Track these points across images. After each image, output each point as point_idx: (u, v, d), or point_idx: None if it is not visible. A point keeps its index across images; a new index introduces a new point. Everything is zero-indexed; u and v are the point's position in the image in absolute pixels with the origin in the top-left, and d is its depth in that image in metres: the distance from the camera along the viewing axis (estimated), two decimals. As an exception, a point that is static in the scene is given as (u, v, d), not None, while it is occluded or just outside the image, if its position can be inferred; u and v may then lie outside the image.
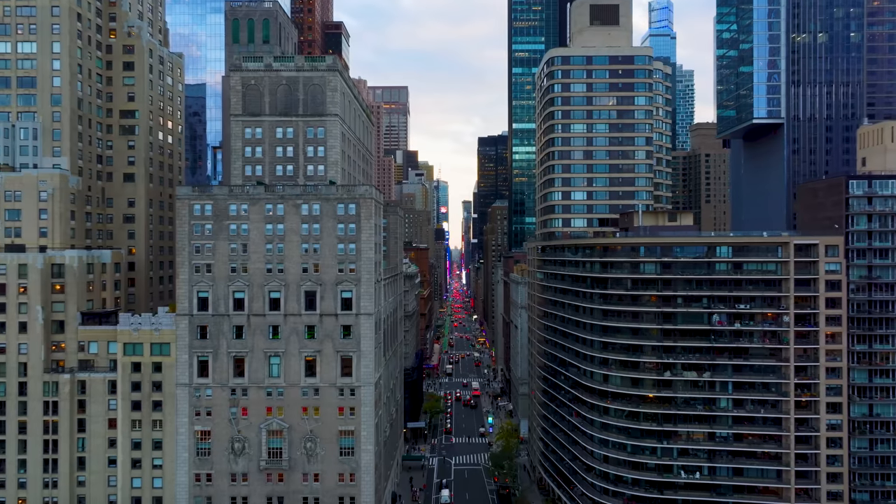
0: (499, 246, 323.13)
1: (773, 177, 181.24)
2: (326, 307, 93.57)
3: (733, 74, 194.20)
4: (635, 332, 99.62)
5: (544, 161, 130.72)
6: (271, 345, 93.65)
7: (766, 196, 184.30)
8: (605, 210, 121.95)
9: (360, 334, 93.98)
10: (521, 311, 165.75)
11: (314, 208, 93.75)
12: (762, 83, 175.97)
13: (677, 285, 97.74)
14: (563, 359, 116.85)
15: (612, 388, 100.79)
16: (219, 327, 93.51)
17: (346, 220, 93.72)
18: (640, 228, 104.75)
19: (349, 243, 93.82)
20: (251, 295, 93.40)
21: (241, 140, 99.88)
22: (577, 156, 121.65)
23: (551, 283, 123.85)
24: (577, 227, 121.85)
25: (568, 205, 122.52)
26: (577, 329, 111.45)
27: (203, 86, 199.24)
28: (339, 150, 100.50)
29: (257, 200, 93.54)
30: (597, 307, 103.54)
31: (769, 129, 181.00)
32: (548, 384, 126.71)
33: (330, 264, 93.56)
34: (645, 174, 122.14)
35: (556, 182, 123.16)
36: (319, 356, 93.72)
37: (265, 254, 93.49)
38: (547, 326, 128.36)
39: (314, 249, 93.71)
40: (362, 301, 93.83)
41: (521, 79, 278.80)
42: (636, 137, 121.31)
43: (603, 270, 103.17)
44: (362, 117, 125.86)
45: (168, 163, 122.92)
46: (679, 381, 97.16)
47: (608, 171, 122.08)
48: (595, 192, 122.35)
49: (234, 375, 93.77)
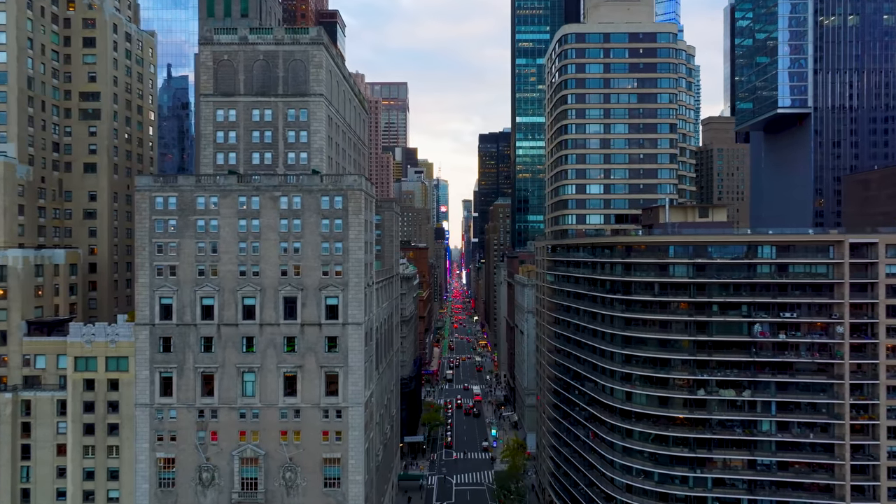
0: (501, 245, 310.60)
1: (797, 171, 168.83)
2: (309, 316, 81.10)
3: (753, 63, 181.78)
4: (663, 343, 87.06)
5: (556, 151, 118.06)
6: (245, 359, 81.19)
7: (789, 191, 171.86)
8: (623, 205, 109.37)
9: (348, 347, 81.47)
10: (527, 315, 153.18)
11: (294, 201, 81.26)
12: (787, 70, 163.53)
13: (712, 290, 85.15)
14: (578, 371, 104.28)
15: (636, 407, 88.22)
16: (184, 339, 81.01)
17: (331, 216, 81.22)
18: (666, 225, 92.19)
19: (335, 242, 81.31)
20: (222, 301, 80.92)
21: (213, 124, 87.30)
22: (592, 145, 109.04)
23: (563, 287, 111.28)
24: (592, 224, 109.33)
25: (582, 199, 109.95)
26: (594, 339, 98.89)
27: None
28: (324, 136, 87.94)
29: (229, 192, 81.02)
30: (618, 315, 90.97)
31: (793, 120, 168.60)
32: (559, 398, 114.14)
33: (313, 266, 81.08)
34: (668, 165, 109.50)
35: (569, 174, 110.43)
36: (301, 372, 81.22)
37: (238, 254, 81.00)
38: (558, 335, 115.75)
39: (294, 249, 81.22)
40: (350, 308, 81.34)
41: (525, 70, 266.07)
42: (659, 124, 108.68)
43: (625, 273, 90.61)
44: (353, 102, 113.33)
45: (137, 152, 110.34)
46: (714, 400, 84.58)
47: (627, 162, 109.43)
48: (613, 186, 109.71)
49: (203, 394, 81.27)
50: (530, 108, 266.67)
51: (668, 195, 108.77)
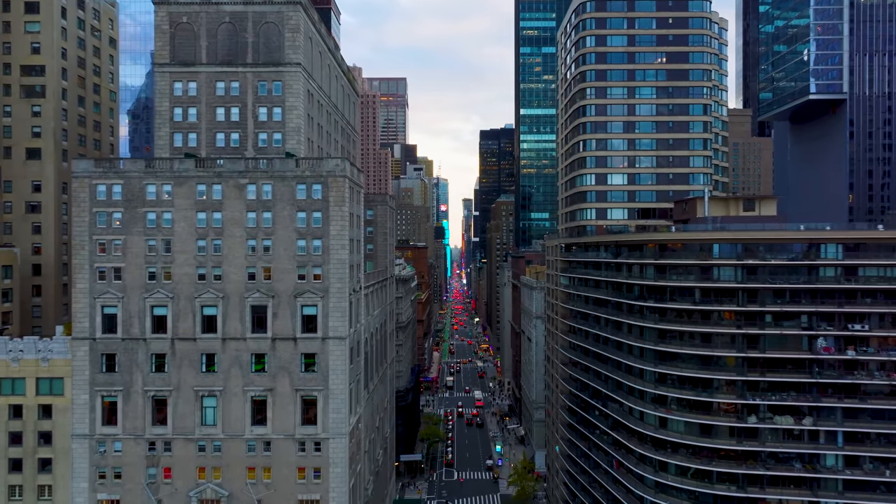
0: (504, 245, 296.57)
1: (829, 163, 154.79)
2: (281, 328, 67.22)
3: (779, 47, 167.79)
4: (706, 360, 73.19)
5: (571, 137, 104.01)
6: (205, 381, 67.28)
7: (820, 186, 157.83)
8: (650, 198, 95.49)
9: (329, 366, 67.56)
10: (535, 321, 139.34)
11: (264, 190, 67.33)
12: (818, 53, 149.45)
13: (765, 297, 71.37)
14: (599, 389, 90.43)
15: (672, 435, 74.35)
16: (131, 356, 67.11)
17: (308, 207, 67.31)
18: (706, 220, 78.27)
19: (313, 239, 67.38)
20: (177, 311, 67.03)
21: (169, 99, 73.35)
22: (615, 129, 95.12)
23: (581, 291, 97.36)
24: (614, 219, 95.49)
25: (603, 191, 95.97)
26: (618, 353, 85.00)
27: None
28: (302, 113, 73.99)
29: (185, 179, 67.11)
30: (650, 326, 77.12)
31: (825, 108, 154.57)
32: (576, 418, 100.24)
33: (286, 268, 67.18)
34: (702, 152, 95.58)
35: (587, 163, 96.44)
36: (272, 396, 67.32)
37: (196, 254, 67.10)
38: (574, 345, 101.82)
39: (264, 248, 67.31)
40: (331, 319, 67.42)
41: (530, 59, 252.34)
42: (691, 105, 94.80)
43: (659, 276, 76.70)
44: (342, 81, 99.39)
45: (94, 137, 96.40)
46: (768, 429, 70.79)
47: (655, 148, 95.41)
48: (638, 175, 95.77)
49: (154, 423, 67.39)
50: (535, 100, 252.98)
51: (702, 186, 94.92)
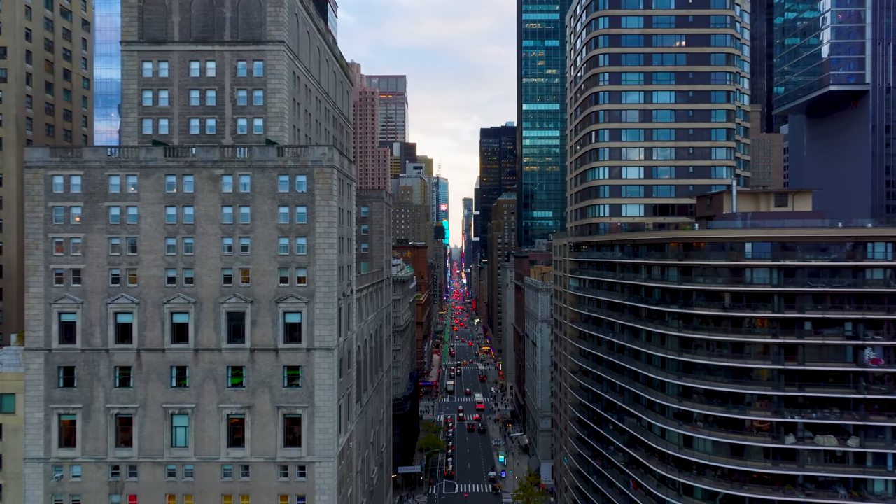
0: (505, 244, 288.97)
1: (850, 158, 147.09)
2: (261, 338, 59.63)
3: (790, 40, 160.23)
4: (737, 373, 65.57)
5: (582, 127, 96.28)
6: (175, 397, 59.70)
7: (840, 182, 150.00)
8: (668, 193, 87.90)
9: (315, 380, 59.93)
10: (541, 325, 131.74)
11: (242, 182, 59.73)
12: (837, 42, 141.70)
13: (804, 303, 63.72)
14: (614, 402, 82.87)
15: (698, 456, 66.67)
16: (92, 369, 59.52)
17: (292, 201, 59.71)
18: (734, 216, 70.61)
19: (297, 237, 59.77)
20: (143, 318, 59.45)
21: (138, 81, 65.68)
22: (630, 118, 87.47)
23: (593, 294, 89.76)
24: (629, 216, 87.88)
25: (617, 185, 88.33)
26: (635, 362, 77.38)
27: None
28: (285, 97, 66.33)
29: (153, 170, 59.51)
30: (673, 333, 69.51)
31: (845, 101, 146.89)
32: (587, 432, 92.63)
33: (267, 270, 59.59)
34: (725, 143, 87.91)
35: (600, 154, 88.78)
36: (250, 415, 59.71)
37: (165, 254, 59.51)
38: (585, 353, 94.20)
39: (242, 247, 59.73)
40: (318, 327, 59.80)
41: (533, 53, 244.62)
42: (714, 91, 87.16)
43: (683, 279, 69.07)
44: (333, 66, 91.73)
45: (64, 127, 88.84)
46: (807, 450, 63.15)
47: (674, 139, 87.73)
48: (655, 168, 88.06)
49: (117, 444, 59.80)
50: (538, 95, 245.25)
51: (725, 180, 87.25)
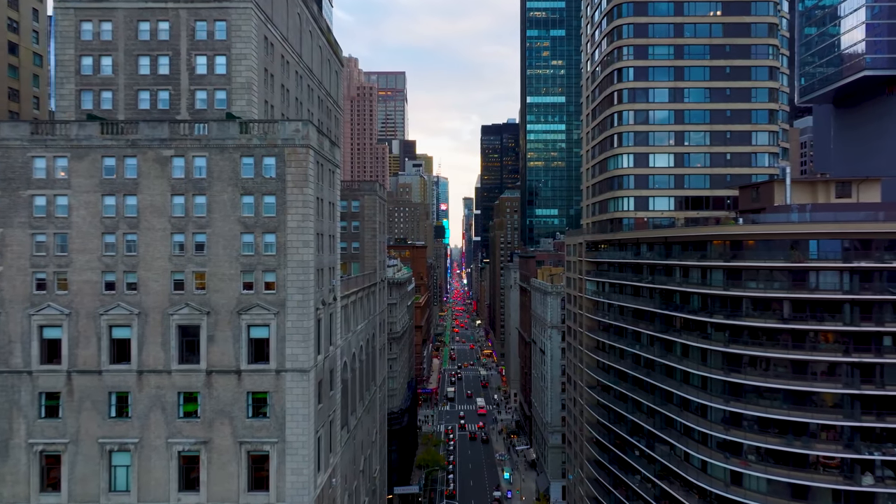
0: (508, 244, 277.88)
1: (885, 150, 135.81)
2: (220, 357, 48.46)
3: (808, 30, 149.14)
4: (799, 397, 54.41)
5: (602, 109, 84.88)
6: (114, 429, 48.53)
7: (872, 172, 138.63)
8: (701, 183, 76.62)
9: (286, 408, 48.71)
10: (550, 331, 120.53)
11: (196, 166, 48.54)
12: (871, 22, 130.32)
13: (884, 313, 52.52)
14: (640, 425, 71.70)
15: (750, 496, 55.47)
16: (11, 395, 48.33)
17: (258, 189, 48.51)
18: (790, 208, 59.40)
19: (264, 233, 48.57)
20: (75, 333, 48.29)
21: (75, 44, 54.47)
22: (659, 97, 76.32)
23: (614, 300, 78.59)
24: (657, 209, 76.68)
25: (644, 175, 77.02)
26: (669, 381, 66.22)
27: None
28: (254, 65, 55.11)
29: (87, 151, 48.33)
30: (717, 349, 58.35)
31: (879, 88, 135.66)
32: (608, 456, 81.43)
33: (227, 274, 48.40)
34: (768, 126, 76.71)
35: (624, 140, 77.45)
36: (207, 451, 48.50)
37: (102, 254, 48.34)
38: (605, 366, 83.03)
39: (197, 245, 48.54)
40: (290, 344, 48.59)
41: (537, 43, 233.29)
42: (754, 67, 76.00)
43: (731, 284, 57.90)
44: (318, 39, 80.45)
45: (10, 109, 77.62)
46: (887, 494, 51.97)
47: (709, 122, 76.47)
48: (688, 156, 76.78)
49: (42, 488, 48.62)
50: (543, 87, 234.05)
51: (767, 169, 76.09)
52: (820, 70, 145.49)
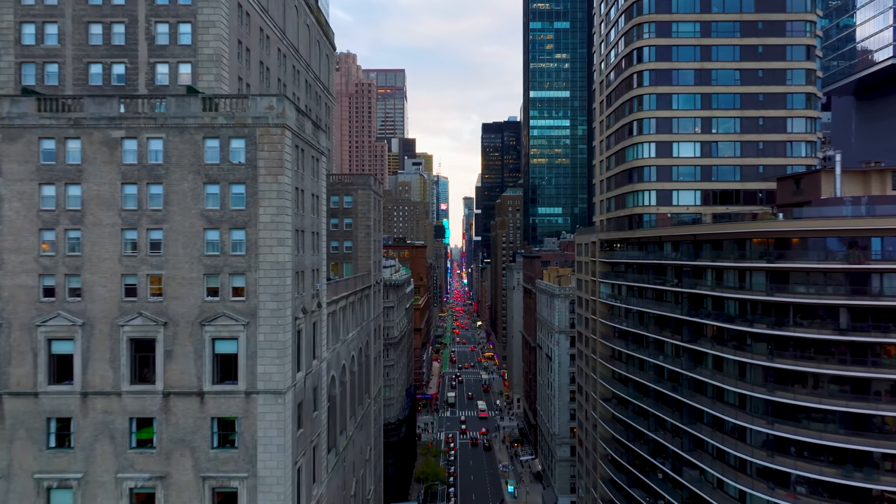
0: (510, 243, 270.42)
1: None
2: (180, 376, 40.82)
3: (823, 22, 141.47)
4: (860, 421, 46.73)
5: (619, 94, 77.10)
6: (53, 462, 40.87)
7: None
8: (731, 175, 68.95)
9: (258, 438, 41.04)
10: (558, 336, 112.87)
11: (151, 150, 40.90)
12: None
13: (960, 324, 44.85)
14: (664, 445, 64.04)
15: (800, 535, 47.84)
16: (-69, 422, 40.68)
17: (224, 177, 40.85)
18: (842, 201, 51.76)
19: (232, 229, 40.92)
20: (7, 347, 40.65)
21: (14, 9, 46.78)
22: (684, 79, 68.74)
23: (634, 305, 70.92)
24: (682, 204, 69.06)
25: (667, 166, 69.38)
26: (699, 398, 58.59)
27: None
28: (224, 34, 47.45)
29: (22, 132, 40.68)
30: (760, 363, 50.73)
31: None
32: (626, 478, 73.70)
33: (188, 278, 40.74)
34: (806, 111, 69.03)
35: (645, 126, 69.80)
36: (164, 488, 40.84)
37: (39, 254, 40.70)
38: (622, 378, 75.39)
39: (152, 244, 40.90)
40: (262, 361, 40.92)
41: (541, 36, 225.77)
42: (789, 46, 68.44)
43: (775, 288, 50.26)
44: (305, 17, 72.75)
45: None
46: (966, 534, 44.36)
47: (739, 107, 68.83)
48: (716, 144, 69.13)
49: (-32, 532, 41.03)
50: (546, 81, 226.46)
51: (805, 159, 68.51)
52: (833, 63, 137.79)
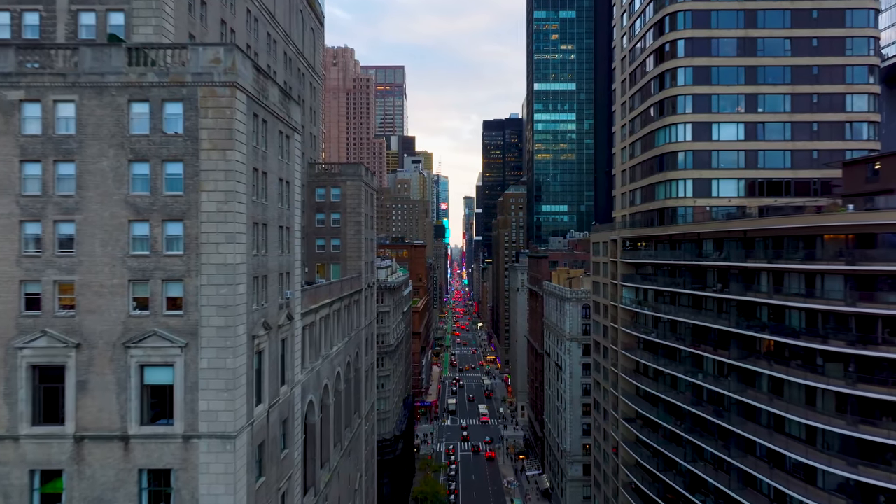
0: (513, 243, 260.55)
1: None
2: (97, 415, 31.00)
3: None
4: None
5: (651, 65, 67.16)
6: (-69, 527, 31.09)
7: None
8: (780, 162, 59.17)
9: (200, 496, 31.13)
10: (569, 344, 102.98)
11: (60, 117, 31.04)
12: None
13: None
14: (704, 479, 54.12)
15: None
16: None
17: (155, 153, 30.96)
18: (935, 191, 41.86)
19: (166, 221, 31.06)
20: None
21: None
22: (725, 49, 58.87)
23: (665, 313, 61.03)
24: (723, 195, 59.31)
25: (705, 151, 59.53)
26: (752, 427, 48.71)
27: None
28: (167, -26, 37.53)
29: None
30: (835, 388, 40.86)
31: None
32: (653, 511, 63.79)
33: (109, 286, 30.88)
34: (868, 87, 59.25)
35: (679, 105, 59.88)
36: (76, 562, 31.01)
37: (-89, 253, 30.84)
38: (649, 396, 65.49)
39: (60, 241, 31.08)
40: (206, 394, 31.03)
41: (546, 25, 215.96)
42: (849, 10, 58.68)
43: (856, 297, 40.39)
44: (285, -21, 62.83)
45: None
46: None
47: (790, 81, 59.13)
48: (763, 126, 59.35)
49: None
50: (552, 73, 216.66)
51: (867, 142, 58.80)
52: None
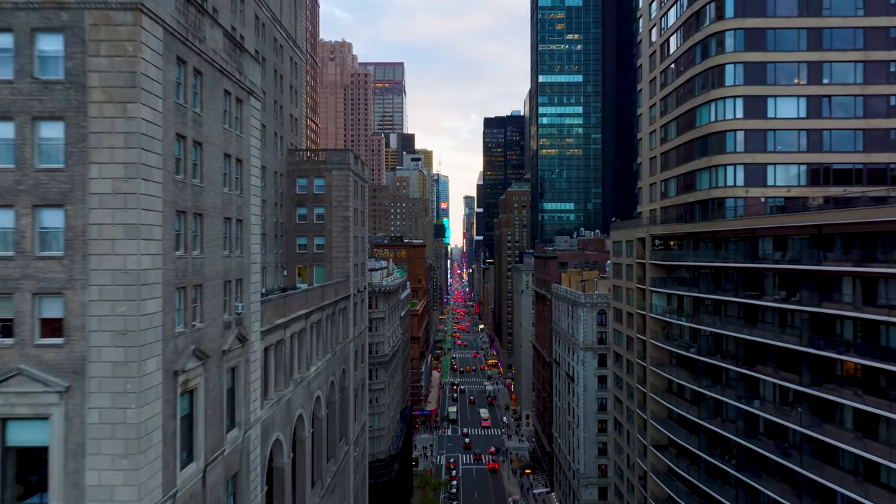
0: (516, 242, 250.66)
1: None
2: (-64, 491, 21.14)
3: None
4: None
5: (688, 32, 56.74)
6: None
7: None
8: (849, 144, 49.23)
9: None
10: (583, 354, 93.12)
11: None
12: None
13: None
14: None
15: None
16: None
17: (21, 108, 21.07)
18: None
19: (38, 206, 21.17)
20: None
21: None
22: (783, 8, 48.88)
23: (709, 326, 51.17)
24: (778, 185, 49.51)
25: (759, 131, 49.48)
26: (824, 471, 38.80)
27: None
28: None
29: None
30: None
31: None
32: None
33: (-45, 301, 20.98)
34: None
35: (728, 75, 49.65)
36: None
37: None
38: (683, 420, 55.54)
39: None
40: (94, 461, 21.16)
41: (551, 15, 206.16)
42: (934, -39, 48.99)
43: None
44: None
45: None
46: None
47: (861, 47, 49.34)
48: (829, 100, 49.46)
49: None
50: (557, 64, 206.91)
51: (955, 121, 49.12)
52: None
